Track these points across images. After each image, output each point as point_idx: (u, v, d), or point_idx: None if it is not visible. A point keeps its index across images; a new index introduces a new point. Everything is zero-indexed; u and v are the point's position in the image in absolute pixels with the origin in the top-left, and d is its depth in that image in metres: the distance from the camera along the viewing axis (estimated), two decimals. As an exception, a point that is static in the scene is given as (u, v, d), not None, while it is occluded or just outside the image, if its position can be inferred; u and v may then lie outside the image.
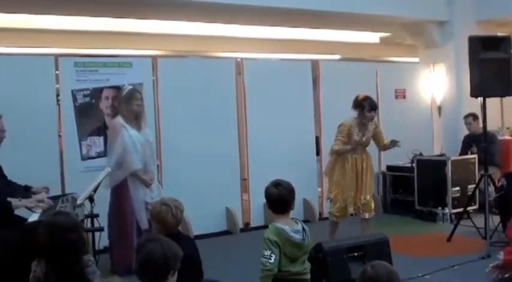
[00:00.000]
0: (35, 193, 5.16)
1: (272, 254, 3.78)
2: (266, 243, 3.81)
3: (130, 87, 6.08)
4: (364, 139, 6.47)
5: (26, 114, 6.33)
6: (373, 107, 6.47)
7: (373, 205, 6.60)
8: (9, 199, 4.73)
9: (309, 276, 3.99)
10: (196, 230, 7.37)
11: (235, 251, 6.75)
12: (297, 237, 3.84)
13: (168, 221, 3.80)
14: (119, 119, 5.88)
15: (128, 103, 5.90)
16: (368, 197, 6.49)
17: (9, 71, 6.52)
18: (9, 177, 5.25)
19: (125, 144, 5.75)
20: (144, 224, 5.77)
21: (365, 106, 6.39)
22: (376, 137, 6.64)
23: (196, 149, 7.50)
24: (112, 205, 5.87)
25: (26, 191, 5.14)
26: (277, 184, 3.96)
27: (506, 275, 4.50)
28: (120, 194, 5.81)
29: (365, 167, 6.50)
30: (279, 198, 3.93)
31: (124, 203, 5.80)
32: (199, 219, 7.42)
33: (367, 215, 6.51)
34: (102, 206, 5.46)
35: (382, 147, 6.87)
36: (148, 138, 6.09)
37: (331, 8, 8.33)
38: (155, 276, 2.80)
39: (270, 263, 3.77)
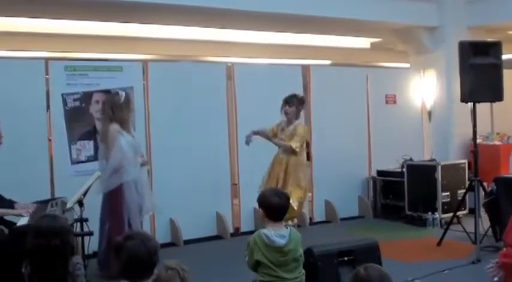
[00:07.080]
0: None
1: (246, 256, 3.94)
2: None
3: (124, 92, 6.06)
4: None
5: (16, 117, 6.28)
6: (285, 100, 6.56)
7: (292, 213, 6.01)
8: None
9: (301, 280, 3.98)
10: (186, 234, 7.36)
11: (225, 255, 6.73)
12: (279, 241, 3.84)
13: None
14: (115, 126, 5.78)
15: (128, 108, 5.90)
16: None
17: (-1, 74, 6.50)
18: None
19: (124, 152, 5.71)
20: (137, 227, 5.75)
21: None
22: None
23: (186, 154, 7.49)
24: (107, 207, 5.83)
25: (8, 207, 5.04)
26: (277, 193, 4.01)
27: (496, 279, 4.45)
28: (115, 195, 5.76)
29: (284, 169, 6.42)
30: (279, 208, 3.94)
31: (119, 204, 5.75)
32: (190, 224, 7.41)
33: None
34: (92, 210, 5.43)
35: None
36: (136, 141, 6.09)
37: (321, 14, 8.33)
38: (143, 272, 2.79)
39: (246, 261, 3.95)
